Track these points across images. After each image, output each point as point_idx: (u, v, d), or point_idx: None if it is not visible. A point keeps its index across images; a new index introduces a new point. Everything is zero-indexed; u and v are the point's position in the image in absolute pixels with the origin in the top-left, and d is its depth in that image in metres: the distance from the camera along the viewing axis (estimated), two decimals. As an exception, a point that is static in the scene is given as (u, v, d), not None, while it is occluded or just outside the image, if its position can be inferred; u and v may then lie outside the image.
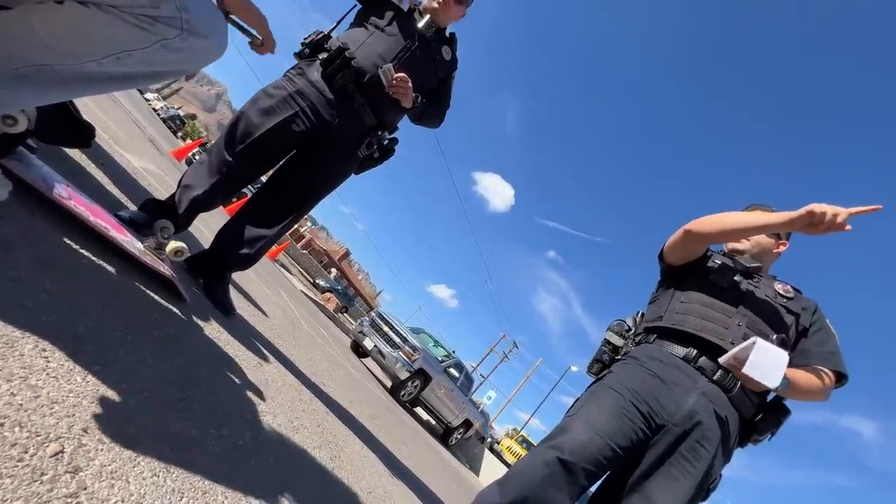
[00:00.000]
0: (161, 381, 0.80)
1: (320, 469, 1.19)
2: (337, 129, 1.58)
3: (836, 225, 1.12)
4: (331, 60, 1.55)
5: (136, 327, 0.86)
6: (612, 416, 1.20)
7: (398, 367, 6.39)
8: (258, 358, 1.45)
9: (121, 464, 0.56)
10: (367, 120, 1.64)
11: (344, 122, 1.59)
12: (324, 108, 1.55)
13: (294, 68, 1.61)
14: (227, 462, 0.79)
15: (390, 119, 1.74)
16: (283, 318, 2.89)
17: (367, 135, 1.66)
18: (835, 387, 1.26)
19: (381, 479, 1.68)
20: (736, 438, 1.24)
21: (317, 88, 1.54)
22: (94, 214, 1.01)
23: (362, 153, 1.68)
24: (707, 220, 1.36)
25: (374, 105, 1.63)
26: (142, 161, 2.69)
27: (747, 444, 1.29)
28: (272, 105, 1.50)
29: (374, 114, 1.65)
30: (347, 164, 1.69)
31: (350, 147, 1.64)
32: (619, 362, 1.40)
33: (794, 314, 1.32)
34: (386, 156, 1.80)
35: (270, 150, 1.51)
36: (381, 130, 1.70)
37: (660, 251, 1.51)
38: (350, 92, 1.57)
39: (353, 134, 1.63)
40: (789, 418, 1.26)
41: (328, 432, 1.51)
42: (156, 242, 1.22)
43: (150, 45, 0.67)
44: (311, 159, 1.60)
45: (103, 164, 1.70)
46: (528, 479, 1.14)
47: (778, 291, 1.37)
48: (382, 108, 1.66)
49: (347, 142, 1.63)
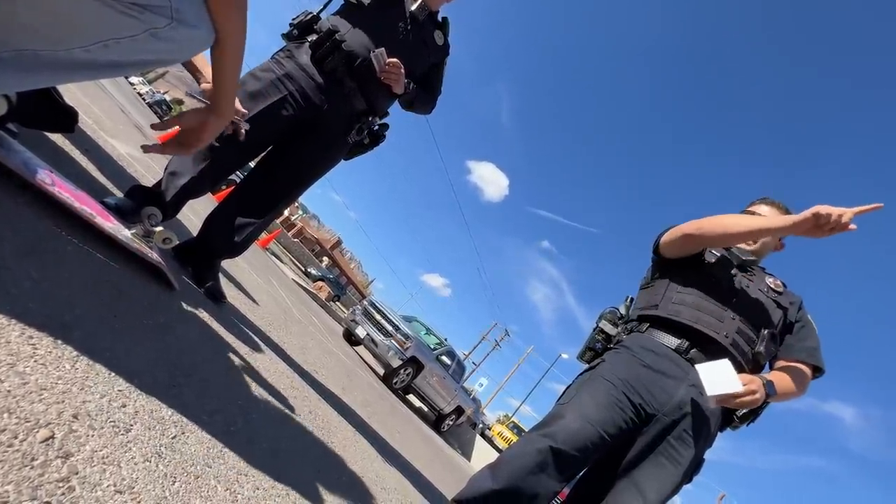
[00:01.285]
0: (151, 368, 0.80)
1: (312, 454, 1.20)
2: (326, 114, 1.55)
3: (841, 225, 1.11)
4: (320, 43, 1.51)
5: (124, 315, 0.85)
6: (604, 405, 1.22)
7: (390, 354, 6.43)
8: (249, 346, 1.46)
9: (112, 449, 0.57)
10: (357, 105, 1.61)
11: (334, 106, 1.56)
12: (313, 92, 1.51)
13: (282, 50, 1.57)
14: (218, 447, 0.79)
15: (381, 104, 1.71)
16: (275, 306, 2.89)
17: (357, 120, 1.63)
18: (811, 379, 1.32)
19: (373, 463, 1.71)
20: (718, 425, 1.28)
21: (306, 72, 1.51)
22: (80, 201, 0.99)
23: (352, 139, 1.65)
24: (707, 224, 1.34)
25: (365, 90, 1.60)
26: (128, 147, 2.63)
27: (727, 428, 1.33)
28: (260, 89, 1.46)
29: (364, 99, 1.62)
30: (337, 150, 1.66)
31: (340, 133, 1.61)
32: (611, 351, 1.42)
33: (783, 308, 1.36)
34: (376, 142, 1.77)
35: (258, 136, 1.47)
36: (371, 116, 1.68)
37: (655, 244, 1.51)
38: (340, 76, 1.54)
39: (342, 119, 1.60)
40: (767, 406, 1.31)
41: (320, 418, 1.53)
42: (143, 230, 1.20)
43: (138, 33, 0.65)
44: (300, 145, 1.57)
45: (87, 150, 1.66)
46: (519, 465, 1.17)
47: (769, 286, 1.40)
48: (373, 94, 1.63)
49: (337, 127, 1.60)
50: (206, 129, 0.88)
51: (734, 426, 1.32)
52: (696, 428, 1.20)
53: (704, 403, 1.21)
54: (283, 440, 1.09)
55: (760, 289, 1.38)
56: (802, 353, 1.32)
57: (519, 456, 1.19)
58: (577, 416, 1.21)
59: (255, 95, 1.45)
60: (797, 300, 1.41)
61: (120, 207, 1.30)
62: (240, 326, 1.55)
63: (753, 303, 1.34)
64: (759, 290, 1.37)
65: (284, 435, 1.12)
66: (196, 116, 0.88)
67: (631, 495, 1.17)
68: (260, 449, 0.94)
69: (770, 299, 1.36)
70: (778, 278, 1.44)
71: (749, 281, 1.39)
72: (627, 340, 1.39)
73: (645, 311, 1.43)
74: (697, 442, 1.20)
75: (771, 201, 1.49)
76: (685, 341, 1.30)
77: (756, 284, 1.39)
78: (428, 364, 7.14)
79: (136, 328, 0.86)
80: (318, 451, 1.26)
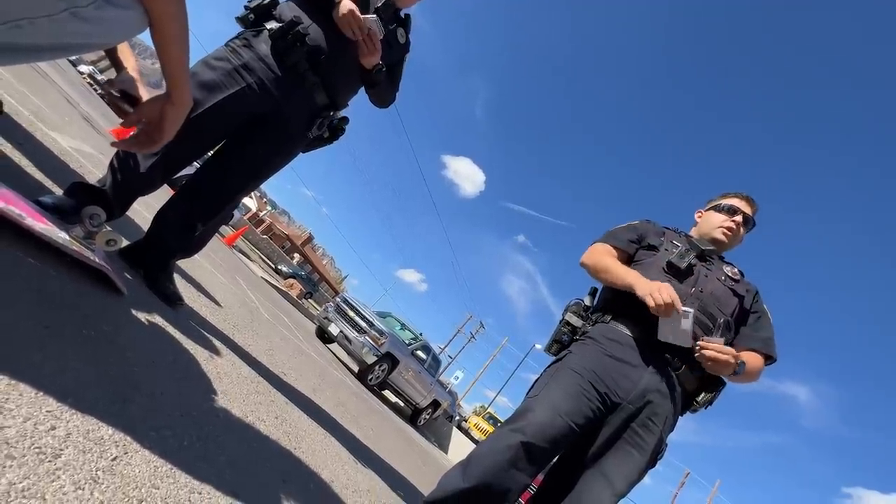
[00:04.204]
0: (90, 383, 0.73)
1: (278, 463, 1.15)
2: (286, 109, 1.48)
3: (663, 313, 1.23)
4: (282, 35, 1.42)
5: (58, 326, 0.78)
6: (571, 395, 1.24)
7: (365, 351, 6.36)
8: (209, 351, 1.38)
9: (35, 479, 0.51)
10: (318, 100, 1.54)
11: (294, 101, 1.49)
12: (273, 85, 1.43)
13: (238, 37, 1.47)
14: (168, 465, 0.74)
15: (343, 98, 1.66)
16: (240, 307, 2.77)
17: (317, 115, 1.56)
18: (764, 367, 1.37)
19: (344, 466, 1.67)
20: (679, 409, 1.32)
21: (265, 63, 1.42)
22: (4, 200, 0.90)
23: (312, 134, 1.58)
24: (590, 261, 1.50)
25: (327, 84, 1.54)
26: (73, 141, 2.45)
27: (687, 412, 1.38)
28: (215, 79, 1.36)
29: (326, 93, 1.55)
30: (294, 144, 1.59)
31: (299, 127, 1.55)
32: (577, 342, 1.43)
33: (739, 296, 1.41)
34: (335, 136, 1.71)
35: (213, 128, 1.39)
36: (332, 110, 1.61)
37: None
38: (302, 70, 1.46)
39: (302, 114, 1.53)
40: (724, 389, 1.36)
41: (288, 423, 1.47)
42: (84, 231, 1.11)
43: (56, 12, 0.58)
44: (257, 138, 1.49)
45: (21, 143, 1.53)
46: (490, 462, 1.16)
47: (727, 274, 1.44)
48: (335, 88, 1.57)
49: (297, 122, 1.53)
50: (165, 121, 0.82)
51: (693, 409, 1.37)
52: (658, 414, 1.24)
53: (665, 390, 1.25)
54: (244, 451, 1.03)
55: (718, 277, 1.42)
56: (757, 343, 1.38)
57: (490, 453, 1.18)
58: (546, 408, 1.21)
59: (209, 86, 1.35)
60: (753, 289, 1.47)
61: (58, 206, 1.20)
62: (199, 331, 1.47)
63: (711, 291, 1.38)
64: (717, 278, 1.42)
65: (246, 445, 1.06)
66: (155, 107, 0.82)
67: (600, 485, 1.19)
68: (217, 463, 0.88)
69: (727, 287, 1.41)
70: (735, 267, 1.49)
71: (708, 270, 1.44)
72: (593, 331, 1.41)
73: (608, 303, 1.46)
74: (660, 427, 1.23)
75: (743, 196, 1.54)
76: (644, 332, 1.33)
77: (714, 273, 1.43)
78: (403, 359, 7.10)
79: (72, 340, 0.78)
80: (285, 460, 1.21)
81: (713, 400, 1.35)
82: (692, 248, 1.47)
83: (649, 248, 1.51)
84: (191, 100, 0.85)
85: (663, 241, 1.51)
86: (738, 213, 1.51)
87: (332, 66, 1.50)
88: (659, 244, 1.50)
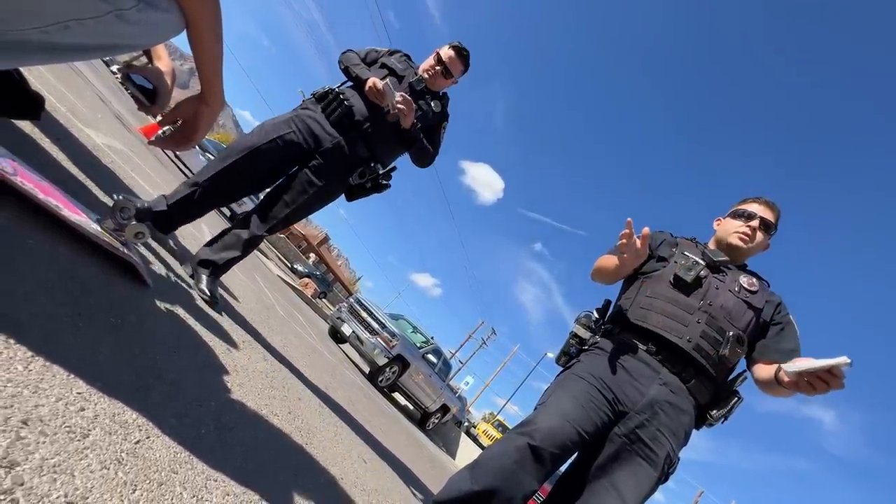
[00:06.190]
0: (115, 369, 0.76)
1: (290, 457, 1.17)
2: (330, 151, 1.80)
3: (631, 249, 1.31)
4: (324, 95, 1.87)
5: (89, 313, 0.81)
6: (579, 402, 1.23)
7: (376, 353, 6.38)
8: (227, 344, 1.41)
9: (65, 457, 0.53)
10: (359, 151, 1.87)
11: (338, 146, 1.81)
12: (321, 133, 1.81)
13: (299, 105, 1.90)
14: (186, 452, 0.76)
15: (384, 154, 1.95)
16: (257, 303, 2.83)
17: (358, 164, 1.87)
18: None
19: (353, 464, 1.68)
20: (692, 423, 1.29)
21: (316, 119, 1.83)
22: (44, 192, 0.94)
23: (354, 181, 1.88)
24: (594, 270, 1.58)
25: (368, 141, 1.87)
26: (105, 138, 2.55)
27: (702, 426, 1.34)
28: (274, 123, 1.78)
29: (367, 147, 1.87)
30: (336, 187, 1.88)
31: (342, 171, 1.85)
32: (586, 352, 1.43)
33: (756, 309, 1.36)
34: (377, 189, 1.95)
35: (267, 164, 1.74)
36: (373, 163, 1.90)
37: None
38: (345, 126, 1.83)
39: (345, 160, 1.84)
40: (741, 404, 1.32)
41: (300, 419, 1.50)
42: (115, 223, 1.15)
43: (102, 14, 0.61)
44: (306, 179, 1.80)
45: (59, 139, 1.60)
46: (498, 465, 1.16)
47: (742, 285, 1.39)
48: (376, 145, 1.89)
49: (340, 166, 1.83)
50: (199, 120, 0.87)
51: (709, 424, 1.33)
52: (668, 426, 1.21)
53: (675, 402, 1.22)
54: (258, 443, 1.05)
55: (731, 289, 1.37)
56: (777, 355, 1.30)
57: (497, 455, 1.18)
58: (555, 414, 1.21)
59: (268, 130, 1.75)
60: (775, 299, 1.41)
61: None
62: (217, 324, 1.51)
63: (721, 304, 1.34)
64: (730, 290, 1.37)
65: (260, 437, 1.09)
66: (190, 107, 0.86)
67: (610, 497, 1.17)
68: (233, 453, 0.91)
69: (740, 300, 1.35)
70: (754, 277, 1.43)
71: (720, 282, 1.39)
72: (602, 343, 1.41)
73: (617, 315, 1.45)
74: (671, 440, 1.21)
75: (763, 200, 1.50)
76: (652, 346, 1.32)
77: (727, 285, 1.38)
78: (414, 362, 7.11)
79: (101, 327, 0.81)
80: (297, 454, 1.23)
81: (728, 415, 1.31)
82: (703, 260, 1.43)
83: (660, 261, 1.48)
84: (223, 101, 0.88)
85: (675, 253, 1.48)
86: (755, 217, 1.45)
87: (373, 128, 1.86)
88: (670, 255, 1.47)
